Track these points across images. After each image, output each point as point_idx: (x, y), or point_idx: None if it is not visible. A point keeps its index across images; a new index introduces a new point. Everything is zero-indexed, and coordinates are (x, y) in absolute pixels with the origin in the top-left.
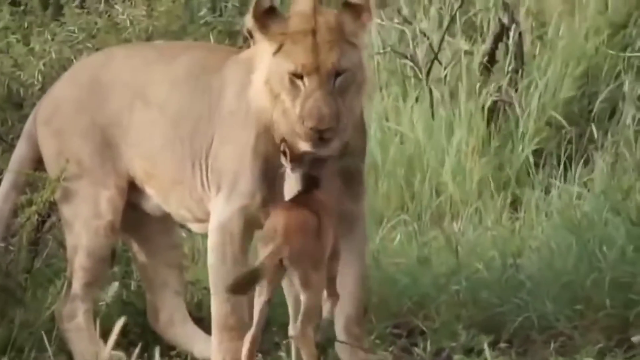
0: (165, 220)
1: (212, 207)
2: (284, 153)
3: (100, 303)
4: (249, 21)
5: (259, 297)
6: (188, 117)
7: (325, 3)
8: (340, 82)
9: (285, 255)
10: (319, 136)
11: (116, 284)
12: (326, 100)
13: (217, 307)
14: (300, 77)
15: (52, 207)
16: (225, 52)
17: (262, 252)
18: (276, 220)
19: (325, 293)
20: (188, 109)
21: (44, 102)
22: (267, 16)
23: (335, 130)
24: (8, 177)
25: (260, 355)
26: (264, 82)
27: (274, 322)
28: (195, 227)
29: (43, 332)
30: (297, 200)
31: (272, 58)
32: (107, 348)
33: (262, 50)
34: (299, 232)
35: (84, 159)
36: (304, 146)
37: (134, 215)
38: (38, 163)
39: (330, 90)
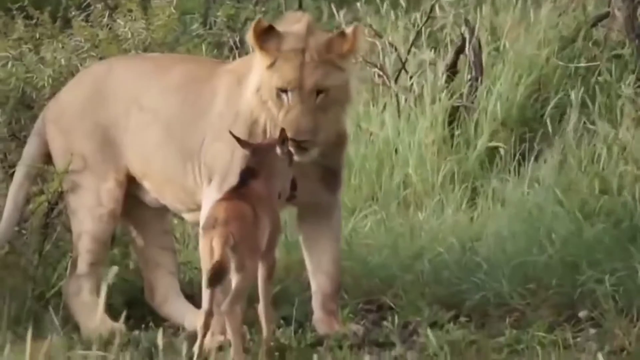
0: (160, 209)
1: (204, 197)
2: (284, 140)
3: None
4: (249, 37)
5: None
6: (179, 121)
7: None
8: (321, 99)
9: (231, 242)
10: (297, 145)
11: (115, 268)
12: (305, 115)
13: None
14: (286, 91)
15: (60, 196)
16: (213, 64)
17: (201, 240)
18: (216, 210)
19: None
20: (179, 114)
21: (52, 104)
22: (266, 34)
23: (314, 141)
24: (21, 170)
25: (245, 327)
26: (255, 89)
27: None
28: (188, 216)
29: (51, 306)
30: (234, 192)
31: (265, 70)
32: (100, 306)
33: (258, 61)
34: (237, 220)
35: (87, 155)
36: None
37: (133, 204)
38: (47, 157)
39: (310, 106)
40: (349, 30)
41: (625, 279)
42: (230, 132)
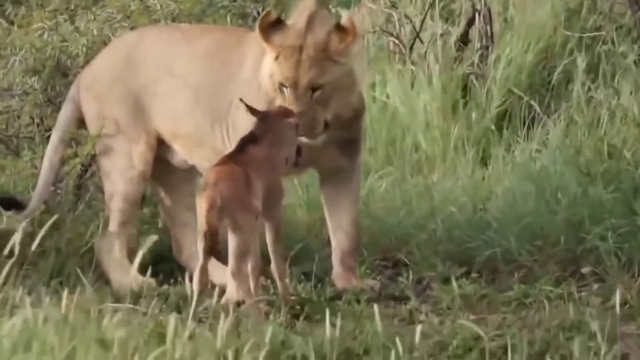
0: (188, 171)
1: None
2: None
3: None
4: (256, 31)
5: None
6: (208, 86)
7: None
8: (318, 95)
9: (217, 203)
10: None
11: (154, 237)
12: (301, 112)
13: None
14: (285, 86)
15: (93, 158)
16: (240, 33)
17: (198, 201)
18: (208, 174)
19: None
20: (208, 79)
21: (86, 72)
22: (272, 27)
23: (314, 134)
24: (56, 134)
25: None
26: (269, 75)
27: None
28: None
29: (85, 262)
30: (229, 157)
31: (273, 62)
32: (134, 265)
33: (268, 52)
34: (227, 181)
35: (119, 119)
36: None
37: (162, 167)
38: (80, 122)
39: (307, 102)
40: (344, 21)
41: (628, 236)
42: (240, 99)
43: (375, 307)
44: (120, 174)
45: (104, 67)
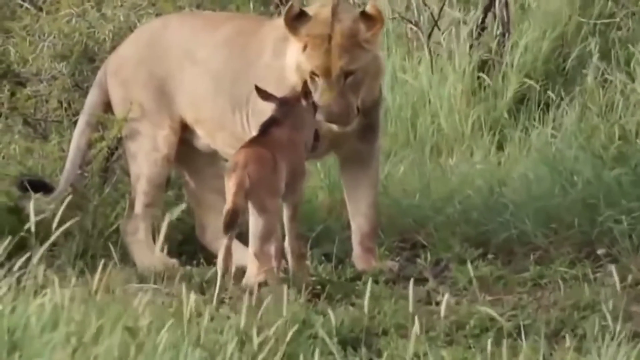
0: (212, 155)
1: None
2: (307, 93)
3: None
4: (276, 19)
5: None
6: (228, 72)
7: None
8: (350, 81)
9: (247, 185)
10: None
11: (183, 206)
12: (336, 99)
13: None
14: (317, 75)
15: (119, 142)
16: (259, 20)
17: (226, 183)
18: (237, 156)
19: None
20: (228, 66)
21: (112, 58)
22: (297, 19)
23: (347, 120)
24: (83, 118)
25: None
26: (295, 67)
27: None
28: None
29: (110, 243)
30: (255, 139)
31: (300, 53)
32: (158, 243)
33: (294, 43)
34: (255, 164)
35: (144, 104)
36: None
37: (187, 150)
38: (107, 106)
39: (340, 89)
40: (370, 9)
41: None
42: (256, 86)
43: (394, 288)
44: (145, 156)
45: (130, 53)
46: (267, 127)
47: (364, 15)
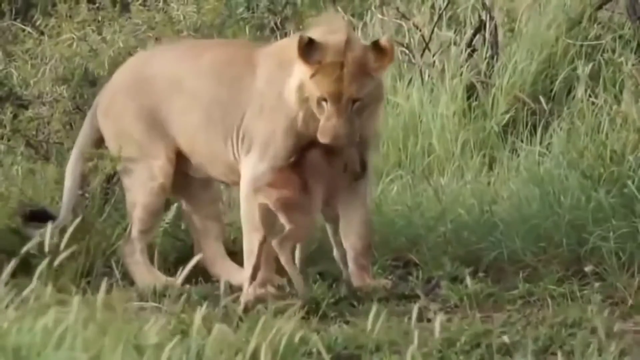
0: (207, 180)
1: (243, 166)
2: None
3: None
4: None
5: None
6: (218, 101)
7: None
8: (357, 106)
9: (271, 201)
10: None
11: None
12: (342, 124)
13: (247, 242)
14: (325, 100)
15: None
16: (248, 47)
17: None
18: (267, 178)
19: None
20: (218, 94)
21: (101, 95)
22: (308, 47)
23: (352, 140)
24: (76, 150)
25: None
26: (296, 89)
27: None
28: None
29: (113, 262)
30: (290, 164)
31: (308, 79)
32: (179, 279)
33: (301, 69)
34: (283, 185)
35: (137, 136)
36: None
37: (182, 178)
38: (99, 142)
39: (347, 115)
40: (383, 41)
41: (628, 237)
42: None
43: (387, 305)
44: (141, 185)
45: (117, 87)
46: (301, 154)
47: (376, 45)
